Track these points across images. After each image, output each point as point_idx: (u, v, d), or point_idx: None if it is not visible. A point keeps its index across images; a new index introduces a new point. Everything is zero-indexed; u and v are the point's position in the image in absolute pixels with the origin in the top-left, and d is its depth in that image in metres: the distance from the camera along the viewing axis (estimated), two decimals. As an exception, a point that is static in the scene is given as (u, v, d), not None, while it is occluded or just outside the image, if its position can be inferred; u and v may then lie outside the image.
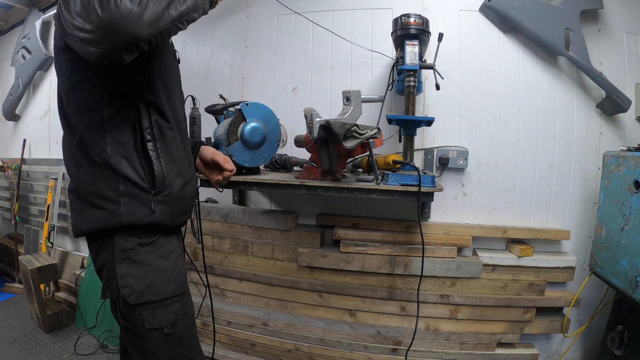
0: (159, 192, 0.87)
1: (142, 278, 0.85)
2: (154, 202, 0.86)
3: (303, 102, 2.00)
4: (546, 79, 1.81)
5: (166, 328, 0.87)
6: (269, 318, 1.94)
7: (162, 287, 0.87)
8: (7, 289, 2.88)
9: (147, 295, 0.85)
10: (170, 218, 0.90)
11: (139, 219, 0.85)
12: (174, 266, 0.91)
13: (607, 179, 1.53)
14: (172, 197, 0.90)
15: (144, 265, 0.86)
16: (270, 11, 2.04)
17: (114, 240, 0.85)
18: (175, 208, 0.91)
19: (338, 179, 1.41)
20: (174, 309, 0.88)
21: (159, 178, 0.87)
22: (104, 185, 0.85)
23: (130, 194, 0.85)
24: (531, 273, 1.74)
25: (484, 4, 1.80)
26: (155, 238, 0.89)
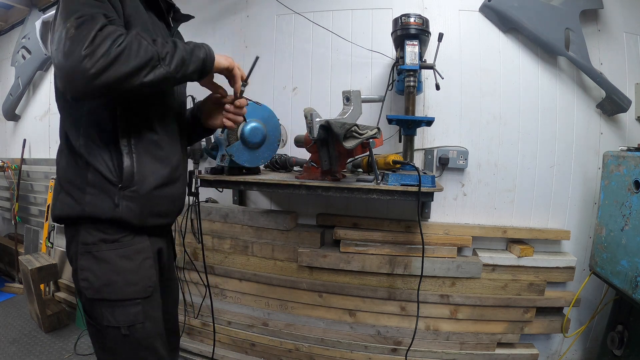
0: (125, 187, 0.85)
1: (101, 275, 0.84)
2: (118, 196, 0.84)
3: (303, 102, 2.00)
4: (546, 79, 1.81)
5: (124, 329, 0.85)
6: (269, 318, 1.94)
7: (122, 288, 0.85)
8: (7, 289, 2.88)
9: (104, 293, 0.84)
10: (138, 216, 0.87)
11: (101, 212, 0.84)
12: (138, 268, 0.88)
13: (607, 179, 1.53)
14: (141, 194, 0.87)
15: (103, 262, 0.85)
16: (270, 11, 2.04)
17: (79, 232, 0.86)
18: (144, 207, 0.88)
19: (338, 179, 1.41)
20: (134, 311, 0.86)
21: (127, 173, 0.85)
22: (75, 173, 0.86)
23: (96, 185, 0.84)
24: (531, 273, 1.74)
25: (484, 4, 1.80)
26: (121, 236, 0.87)
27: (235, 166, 1.53)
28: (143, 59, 0.74)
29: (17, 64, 2.95)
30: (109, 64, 0.70)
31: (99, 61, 0.68)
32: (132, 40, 0.73)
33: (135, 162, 0.86)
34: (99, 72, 0.69)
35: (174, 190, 0.97)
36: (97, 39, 0.69)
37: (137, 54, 0.73)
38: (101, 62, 0.69)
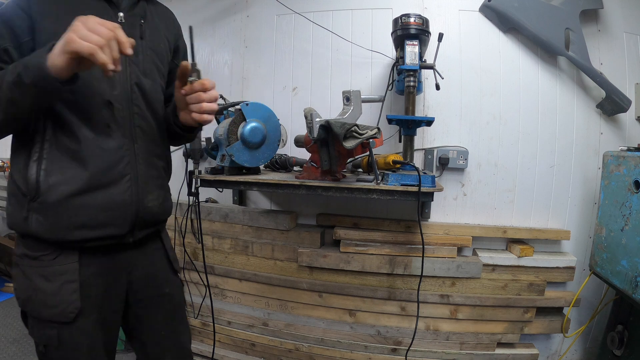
0: (33, 198, 0.77)
1: (24, 289, 0.82)
2: (27, 208, 0.78)
3: (303, 102, 2.00)
4: (546, 79, 1.81)
5: (40, 346, 0.83)
6: (269, 318, 1.94)
7: (38, 308, 0.81)
8: (7, 289, 2.88)
9: (27, 307, 0.83)
10: (51, 230, 0.78)
11: (17, 226, 0.81)
12: (58, 291, 0.80)
13: (607, 179, 1.53)
14: (48, 204, 0.77)
15: (25, 277, 0.82)
16: (270, 11, 2.04)
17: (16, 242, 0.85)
18: (57, 219, 0.78)
19: (338, 179, 1.41)
20: (49, 333, 0.81)
21: (31, 182, 0.77)
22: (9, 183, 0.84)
23: (13, 196, 0.81)
24: (531, 273, 1.74)
25: (484, 4, 1.80)
26: (42, 254, 0.80)
27: (235, 166, 1.53)
28: None
29: (17, 64, 2.94)
30: None
31: None
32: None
33: (42, 169, 0.77)
34: None
35: (104, 195, 0.82)
36: None
37: None
38: None
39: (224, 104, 1.69)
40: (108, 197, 0.83)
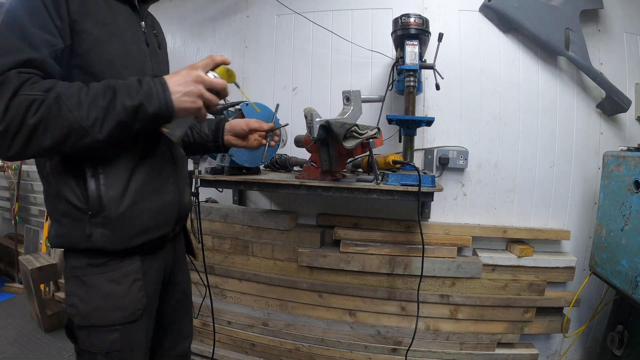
0: (96, 214, 0.77)
1: (89, 300, 0.80)
2: (90, 225, 0.77)
3: (303, 102, 2.00)
4: (546, 79, 1.81)
5: (100, 355, 0.81)
6: (269, 318, 1.94)
7: (109, 313, 0.81)
8: (7, 289, 2.88)
9: (92, 319, 0.80)
10: (116, 242, 0.80)
11: (76, 244, 0.79)
12: (127, 292, 0.82)
13: (607, 179, 1.53)
14: (113, 218, 0.78)
15: (91, 287, 0.80)
16: (270, 11, 2.04)
17: (68, 255, 0.82)
18: (122, 230, 0.80)
19: (338, 179, 1.41)
20: (111, 338, 0.81)
21: (92, 197, 0.76)
22: (51, 204, 0.81)
23: (68, 214, 0.78)
24: (531, 273, 1.74)
25: (484, 4, 1.80)
26: (107, 260, 0.81)
27: (235, 166, 1.53)
28: (63, 131, 0.66)
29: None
30: (27, 142, 0.64)
31: (14, 141, 0.63)
32: (49, 108, 0.64)
33: (101, 183, 0.77)
34: (19, 153, 0.65)
35: (161, 198, 0.87)
36: (9, 112, 0.62)
37: (54, 125, 0.65)
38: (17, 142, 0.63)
39: (224, 104, 1.69)
40: (160, 200, 0.87)
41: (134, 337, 0.85)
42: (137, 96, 0.70)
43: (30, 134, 0.64)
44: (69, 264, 0.82)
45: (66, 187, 0.77)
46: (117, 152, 0.79)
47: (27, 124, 0.63)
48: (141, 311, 0.85)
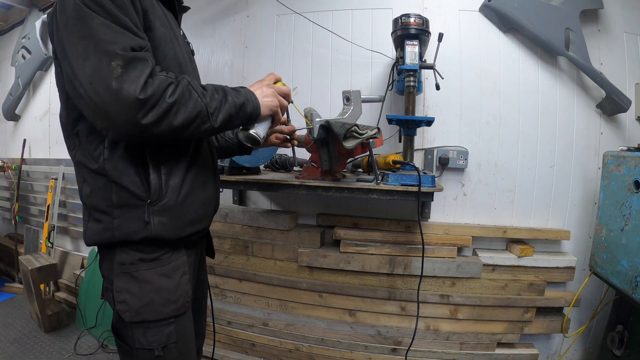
0: (155, 202, 0.79)
1: (141, 296, 0.79)
2: (149, 212, 0.79)
3: (303, 102, 2.00)
4: (546, 79, 1.81)
5: (157, 350, 0.81)
6: (269, 318, 1.94)
7: (161, 307, 0.81)
8: (7, 289, 2.88)
9: (145, 314, 0.80)
10: (173, 230, 0.82)
11: (132, 233, 0.79)
12: (177, 285, 0.84)
13: (607, 179, 1.53)
14: (171, 206, 0.81)
15: (144, 282, 0.80)
16: (270, 11, 2.04)
17: (115, 252, 0.81)
18: (177, 218, 0.83)
19: (338, 179, 1.41)
20: (168, 331, 0.82)
21: (154, 186, 0.79)
22: (99, 197, 0.80)
23: (123, 205, 0.79)
24: (531, 273, 1.74)
25: (484, 4, 1.80)
26: (160, 254, 0.82)
27: (236, 166, 1.53)
28: (193, 114, 0.72)
29: (17, 64, 2.95)
30: (161, 117, 0.68)
31: (150, 112, 0.67)
32: (183, 91, 0.71)
33: (162, 173, 0.81)
34: (150, 125, 0.68)
35: (205, 192, 0.92)
36: (149, 87, 0.67)
37: (187, 107, 0.71)
38: (153, 114, 0.67)
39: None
40: (205, 193, 0.92)
41: (186, 327, 0.88)
42: (241, 97, 0.82)
43: (166, 110, 0.69)
44: (117, 260, 0.81)
45: (126, 177, 0.78)
46: (176, 148, 0.84)
47: (165, 101, 0.68)
48: (189, 303, 0.88)
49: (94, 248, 2.33)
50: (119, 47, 0.66)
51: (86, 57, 0.66)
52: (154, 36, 0.79)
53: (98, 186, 0.80)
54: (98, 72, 0.65)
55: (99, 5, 0.67)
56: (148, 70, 0.68)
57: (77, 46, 0.67)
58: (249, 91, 0.86)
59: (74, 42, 0.67)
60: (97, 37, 0.66)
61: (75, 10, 0.67)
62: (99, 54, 0.65)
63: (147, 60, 0.69)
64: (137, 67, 0.67)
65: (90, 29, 0.66)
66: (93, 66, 0.65)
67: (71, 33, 0.68)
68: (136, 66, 0.67)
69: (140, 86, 0.66)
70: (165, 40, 0.82)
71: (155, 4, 0.82)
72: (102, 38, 0.66)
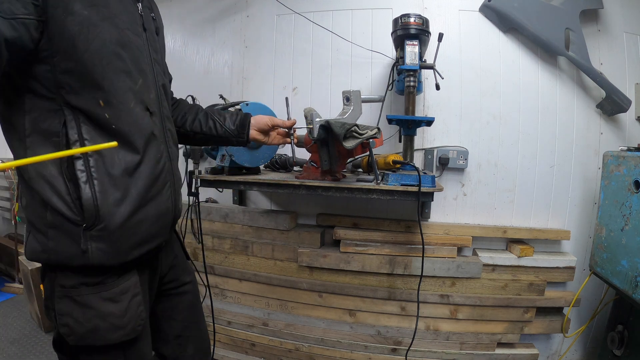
0: (91, 226, 0.68)
1: (84, 322, 0.71)
2: (85, 238, 0.68)
3: (303, 102, 2.00)
4: (546, 79, 1.81)
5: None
6: (269, 318, 1.94)
7: (107, 333, 0.73)
8: (7, 289, 2.88)
9: (89, 339, 0.72)
10: (115, 256, 0.72)
11: (68, 259, 0.69)
12: (126, 309, 0.75)
13: (607, 179, 1.53)
14: (112, 230, 0.70)
15: (86, 307, 0.71)
16: (270, 11, 2.04)
17: (56, 273, 0.72)
18: (122, 243, 0.72)
19: (338, 179, 1.41)
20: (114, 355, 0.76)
21: (88, 208, 0.67)
22: (34, 213, 0.70)
23: (57, 226, 0.68)
24: (531, 273, 1.74)
25: (484, 4, 1.80)
26: (103, 277, 0.73)
27: (235, 166, 1.53)
28: None
29: (17, 64, 2.94)
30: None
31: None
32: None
33: (96, 191, 0.68)
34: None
35: (155, 206, 0.78)
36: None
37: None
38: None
39: (224, 104, 1.69)
40: (157, 207, 0.79)
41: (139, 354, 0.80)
42: None
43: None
44: (58, 282, 0.72)
45: (54, 194, 0.67)
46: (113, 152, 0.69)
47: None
48: (142, 326, 0.79)
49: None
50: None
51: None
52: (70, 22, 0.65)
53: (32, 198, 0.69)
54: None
55: None
56: None
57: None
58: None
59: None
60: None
61: None
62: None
63: None
64: None
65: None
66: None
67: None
68: None
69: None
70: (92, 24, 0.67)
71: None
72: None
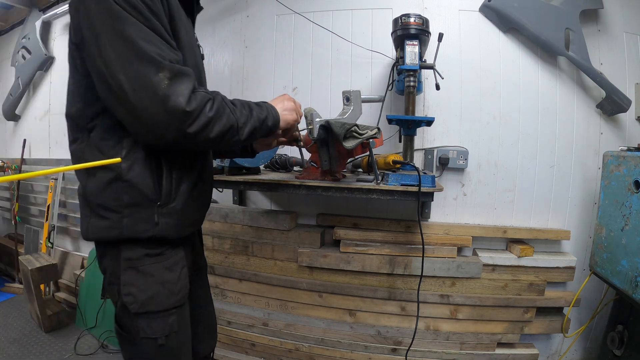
0: (164, 205, 0.85)
1: (146, 289, 0.84)
2: (158, 214, 0.84)
3: (303, 102, 1.99)
4: (546, 79, 1.81)
5: (160, 339, 0.86)
6: (269, 318, 1.94)
7: (165, 299, 0.86)
8: (7, 289, 2.88)
9: (150, 305, 0.84)
10: (176, 231, 0.88)
11: (140, 232, 0.83)
12: (178, 278, 0.90)
13: (607, 179, 1.53)
14: (177, 210, 0.87)
15: (149, 276, 0.85)
16: (270, 11, 2.04)
17: (120, 248, 0.84)
18: (181, 220, 0.89)
19: (338, 179, 1.41)
20: (171, 321, 0.87)
21: (166, 190, 0.85)
22: (107, 195, 0.82)
23: (134, 205, 0.82)
24: (531, 273, 1.74)
25: (484, 4, 1.80)
26: (163, 249, 0.88)
27: (236, 166, 1.53)
28: (226, 127, 0.80)
29: (17, 64, 2.95)
30: (201, 129, 0.75)
31: (194, 124, 0.74)
32: (219, 107, 0.79)
33: (173, 178, 0.86)
34: (194, 134, 0.74)
35: (205, 198, 1.00)
36: (193, 101, 0.73)
37: (221, 121, 0.79)
38: (195, 125, 0.74)
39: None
40: (205, 198, 1.01)
41: (185, 317, 0.94)
42: (263, 112, 0.90)
43: (206, 123, 0.76)
44: (123, 256, 0.84)
45: (141, 179, 0.82)
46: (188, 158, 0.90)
47: (206, 115, 0.76)
48: (187, 295, 0.93)
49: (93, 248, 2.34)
50: (164, 58, 0.72)
51: (128, 61, 0.70)
52: (179, 46, 0.82)
53: (106, 184, 0.82)
54: (143, 79, 0.70)
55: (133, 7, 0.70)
56: (192, 85, 0.75)
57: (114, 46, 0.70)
58: (270, 106, 0.94)
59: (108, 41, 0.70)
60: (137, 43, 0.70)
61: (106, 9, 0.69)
62: (144, 62, 0.70)
63: (191, 76, 0.76)
64: (184, 81, 0.73)
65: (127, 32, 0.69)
66: (137, 73, 0.70)
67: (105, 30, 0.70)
68: (183, 80, 0.73)
69: (186, 99, 0.72)
70: (187, 50, 0.86)
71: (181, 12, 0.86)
72: (143, 45, 0.70)
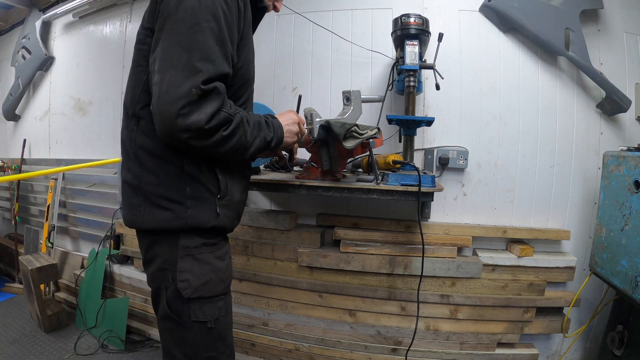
0: (223, 197, 0.93)
1: (201, 275, 0.90)
2: (219, 206, 0.92)
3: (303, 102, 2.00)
4: (546, 79, 1.81)
5: (210, 322, 0.92)
6: (269, 318, 1.94)
7: (215, 286, 0.93)
8: (7, 289, 2.88)
9: (202, 291, 0.90)
10: (231, 221, 0.98)
11: (204, 222, 0.90)
12: (227, 267, 0.98)
13: (607, 179, 1.53)
14: (233, 202, 0.97)
15: (205, 264, 0.92)
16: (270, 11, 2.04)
17: (179, 237, 0.90)
18: (235, 213, 0.99)
19: (338, 179, 1.41)
20: (219, 305, 0.94)
21: (223, 185, 0.93)
22: (171, 188, 0.88)
23: (197, 197, 0.89)
24: (531, 273, 1.74)
25: (484, 4, 1.80)
26: (218, 240, 0.96)
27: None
28: (235, 147, 0.85)
29: (17, 64, 2.95)
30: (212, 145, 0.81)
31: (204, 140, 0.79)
32: (235, 128, 0.83)
33: (227, 176, 0.95)
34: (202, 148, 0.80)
35: (245, 195, 1.09)
36: (214, 120, 0.78)
37: (232, 141, 0.84)
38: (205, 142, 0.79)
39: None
40: (245, 196, 1.09)
41: (229, 303, 1.02)
42: (270, 133, 0.95)
43: (220, 141, 0.81)
44: (181, 244, 0.90)
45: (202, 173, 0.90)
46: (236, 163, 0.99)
47: (220, 134, 0.81)
48: (231, 283, 1.01)
49: (93, 248, 2.34)
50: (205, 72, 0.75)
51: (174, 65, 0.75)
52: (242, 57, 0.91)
53: (168, 175, 0.88)
54: (175, 87, 0.74)
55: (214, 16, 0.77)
56: (219, 104, 0.79)
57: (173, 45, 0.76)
58: (277, 125, 0.99)
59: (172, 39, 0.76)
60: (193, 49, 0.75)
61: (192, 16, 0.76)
62: (186, 71, 0.75)
63: (221, 95, 0.79)
64: (213, 101, 0.77)
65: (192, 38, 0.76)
66: (174, 79, 0.74)
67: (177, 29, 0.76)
68: (212, 100, 0.77)
69: (208, 117, 0.76)
70: (249, 60, 0.95)
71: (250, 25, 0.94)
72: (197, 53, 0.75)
